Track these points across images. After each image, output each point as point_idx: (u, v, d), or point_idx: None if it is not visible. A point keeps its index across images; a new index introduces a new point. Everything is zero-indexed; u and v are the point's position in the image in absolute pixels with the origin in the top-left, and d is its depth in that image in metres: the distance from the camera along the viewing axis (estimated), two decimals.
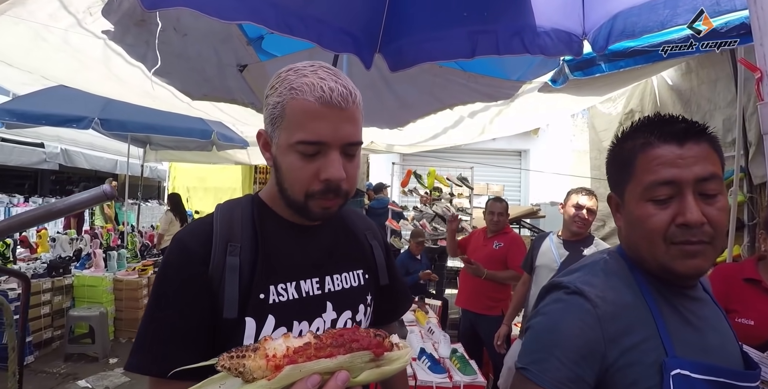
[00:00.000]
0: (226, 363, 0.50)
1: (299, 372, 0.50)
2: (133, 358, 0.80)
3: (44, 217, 0.77)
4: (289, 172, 0.82)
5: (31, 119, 5.07)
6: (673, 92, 3.86)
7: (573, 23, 2.07)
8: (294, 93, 0.79)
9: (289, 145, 0.80)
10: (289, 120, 0.80)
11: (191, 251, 0.83)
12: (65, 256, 5.20)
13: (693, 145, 0.81)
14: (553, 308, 0.85)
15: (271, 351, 0.51)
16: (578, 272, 0.89)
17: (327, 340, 0.53)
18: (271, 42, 2.83)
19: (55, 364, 4.12)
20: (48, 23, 2.48)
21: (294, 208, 0.86)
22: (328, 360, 0.52)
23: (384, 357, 0.55)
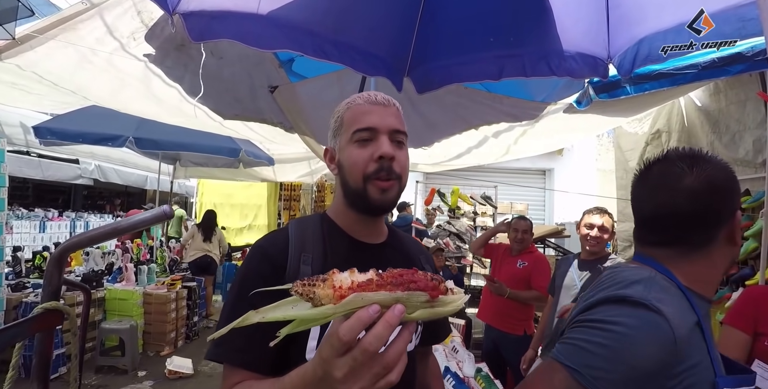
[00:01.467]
0: (299, 289, 0.57)
1: (361, 299, 0.55)
2: (216, 348, 0.88)
3: (111, 234, 0.84)
4: (349, 161, 0.96)
5: (69, 137, 5.31)
6: (701, 112, 3.81)
7: (598, 47, 2.11)
8: (348, 105, 1.00)
9: (348, 140, 0.97)
10: (346, 123, 0.98)
11: (271, 255, 0.93)
12: (98, 270, 5.36)
13: None
14: (631, 323, 0.80)
15: (338, 283, 0.57)
16: (639, 285, 0.85)
17: (388, 278, 0.58)
18: (301, 64, 2.94)
19: (87, 376, 4.21)
20: (95, 47, 2.63)
21: (358, 201, 0.97)
22: (387, 293, 0.56)
23: (438, 299, 0.59)
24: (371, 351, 0.56)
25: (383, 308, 0.56)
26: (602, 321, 0.82)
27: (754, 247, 3.12)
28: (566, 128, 3.91)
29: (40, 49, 2.63)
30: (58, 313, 0.77)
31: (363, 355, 0.56)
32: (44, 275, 0.79)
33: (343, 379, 0.57)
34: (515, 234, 3.68)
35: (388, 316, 0.55)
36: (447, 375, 2.73)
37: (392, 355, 0.57)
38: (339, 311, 0.56)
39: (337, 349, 0.57)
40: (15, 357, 0.75)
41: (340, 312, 0.56)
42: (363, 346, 0.55)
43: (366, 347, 0.55)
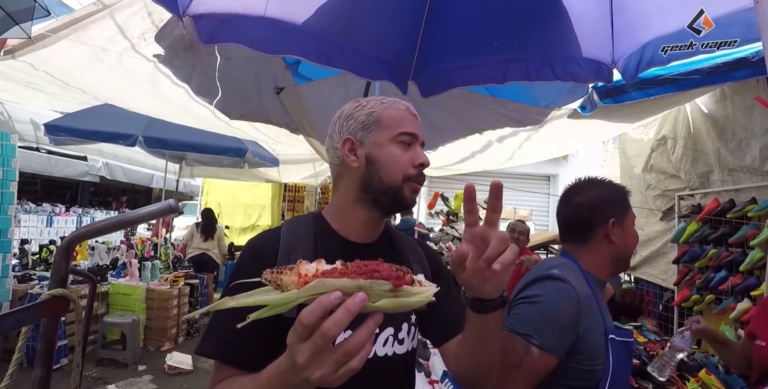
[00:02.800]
0: (269, 276, 0.60)
1: (323, 285, 0.58)
2: (203, 342, 0.90)
3: (117, 226, 0.86)
4: (390, 161, 1.00)
5: (81, 135, 5.38)
6: (707, 119, 3.79)
7: (603, 52, 2.12)
8: (386, 105, 1.03)
9: (390, 139, 1.00)
10: (386, 122, 1.01)
11: (261, 253, 0.96)
12: (102, 264, 5.41)
13: None
14: (549, 293, 1.22)
15: (304, 271, 0.60)
16: (555, 268, 1.27)
17: (352, 268, 0.61)
18: (307, 66, 2.97)
19: (87, 368, 4.25)
20: (106, 46, 2.67)
21: (385, 198, 1.01)
22: (349, 280, 0.59)
23: (403, 289, 0.60)
24: (329, 336, 0.57)
25: (346, 295, 0.57)
26: (534, 296, 1.23)
27: (760, 257, 3.10)
28: (571, 134, 3.91)
29: (52, 48, 2.67)
30: (64, 300, 0.79)
31: (322, 339, 0.57)
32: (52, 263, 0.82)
33: (305, 364, 0.59)
34: (511, 234, 3.74)
35: (348, 303, 0.57)
36: (445, 380, 2.74)
37: (353, 343, 0.58)
38: (302, 296, 0.58)
39: (299, 333, 0.58)
40: (21, 340, 0.77)
41: (303, 296, 0.58)
42: (322, 330, 0.57)
43: (325, 331, 0.57)
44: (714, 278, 3.45)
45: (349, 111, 1.05)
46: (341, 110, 1.07)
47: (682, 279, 3.86)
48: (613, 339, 1.21)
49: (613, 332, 1.23)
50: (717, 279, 3.41)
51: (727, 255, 3.40)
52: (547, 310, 1.19)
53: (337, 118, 1.06)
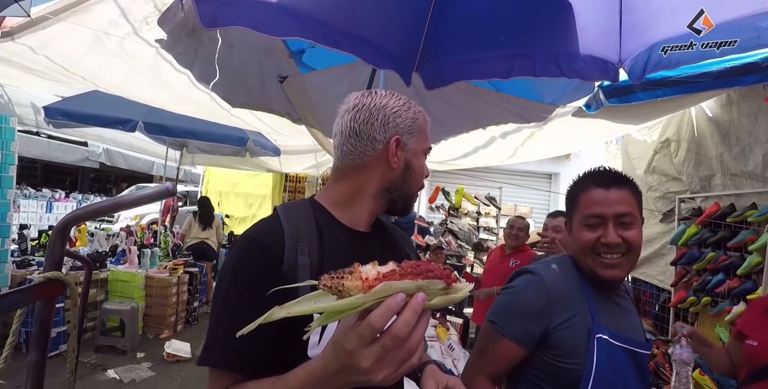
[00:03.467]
0: (328, 282, 0.59)
1: (389, 288, 0.58)
2: (206, 353, 0.84)
3: (114, 208, 0.85)
4: (420, 171, 1.06)
5: (80, 119, 5.35)
6: (711, 123, 3.78)
7: (609, 51, 2.10)
8: (422, 115, 1.06)
9: (423, 150, 1.06)
10: (423, 133, 1.05)
11: (267, 248, 0.88)
12: (102, 251, 5.41)
13: (616, 190, 1.22)
14: (521, 284, 1.27)
15: (365, 275, 0.60)
16: (541, 264, 1.31)
17: (408, 269, 0.61)
18: (312, 55, 2.95)
19: (86, 354, 4.27)
20: (108, 30, 2.65)
21: (401, 203, 1.06)
22: (411, 281, 0.60)
23: (452, 286, 0.63)
24: (401, 338, 0.58)
25: (407, 296, 0.59)
26: (509, 287, 1.30)
27: (758, 262, 3.11)
28: (574, 132, 3.90)
29: (53, 30, 2.64)
30: (59, 283, 0.78)
31: (392, 342, 0.58)
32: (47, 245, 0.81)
33: (371, 368, 0.60)
34: (510, 230, 3.80)
35: (413, 303, 0.58)
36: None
37: (414, 340, 0.60)
38: (369, 300, 0.58)
39: (367, 338, 0.59)
40: (16, 323, 0.77)
41: (370, 301, 0.58)
42: (393, 333, 0.58)
43: (396, 333, 0.58)
44: (711, 281, 3.46)
45: (395, 106, 1.01)
46: (381, 99, 1.01)
47: (679, 281, 3.87)
48: (600, 339, 1.16)
49: (606, 332, 1.18)
50: (714, 281, 3.42)
51: (725, 258, 3.40)
52: (513, 301, 1.26)
53: (379, 106, 1.00)
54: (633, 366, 1.21)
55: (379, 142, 0.99)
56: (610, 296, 1.27)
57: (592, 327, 1.17)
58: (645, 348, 1.25)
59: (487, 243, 6.52)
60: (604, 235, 1.19)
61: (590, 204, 1.23)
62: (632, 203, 1.23)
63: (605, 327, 1.18)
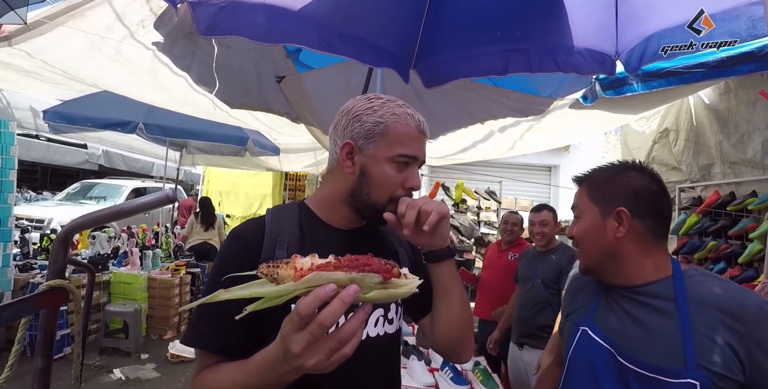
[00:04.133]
0: (264, 270, 0.63)
1: (319, 278, 0.61)
2: (187, 333, 0.91)
3: (115, 216, 0.86)
4: (381, 179, 0.98)
5: (78, 122, 5.35)
6: (710, 112, 3.78)
7: (606, 44, 2.10)
8: (396, 118, 0.98)
9: (388, 158, 0.98)
10: (390, 138, 0.98)
11: (246, 242, 0.95)
12: (104, 253, 5.43)
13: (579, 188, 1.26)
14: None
15: (299, 265, 0.62)
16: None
17: (345, 262, 0.64)
18: (308, 54, 2.94)
19: (91, 356, 4.30)
20: (104, 34, 2.65)
21: (367, 211, 1.01)
22: (343, 273, 0.62)
23: (391, 281, 0.64)
24: (326, 326, 0.61)
25: (339, 288, 0.61)
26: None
27: (759, 249, 3.11)
28: (573, 124, 3.89)
29: (50, 36, 2.64)
30: (62, 291, 0.79)
31: (319, 329, 0.61)
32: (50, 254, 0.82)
33: (301, 353, 0.63)
34: (505, 226, 3.82)
35: (342, 294, 0.60)
36: (445, 368, 2.76)
37: (346, 331, 0.63)
38: (299, 288, 0.61)
39: (296, 324, 0.62)
40: (20, 331, 0.78)
41: (300, 289, 0.61)
42: (319, 321, 0.61)
43: (322, 321, 0.60)
44: (712, 269, 3.47)
45: (358, 110, 1.00)
46: (352, 104, 1.02)
47: None
48: (582, 332, 1.18)
49: (592, 328, 1.15)
50: (715, 270, 3.42)
51: (726, 247, 3.41)
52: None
53: (345, 111, 1.02)
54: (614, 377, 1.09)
55: (338, 146, 1.01)
56: (616, 299, 1.17)
57: (579, 319, 1.22)
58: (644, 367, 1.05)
59: (488, 237, 6.54)
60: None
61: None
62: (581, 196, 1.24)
63: (597, 325, 1.16)
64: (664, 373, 1.02)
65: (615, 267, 1.16)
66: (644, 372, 1.05)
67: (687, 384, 0.99)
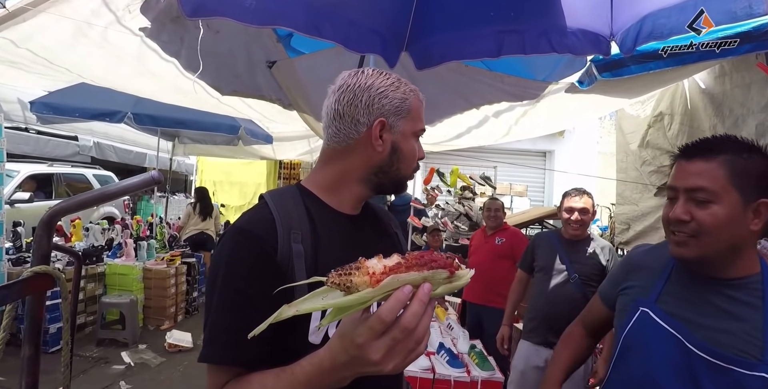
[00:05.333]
0: (336, 280, 0.60)
1: (397, 281, 0.60)
2: (207, 348, 0.82)
3: (100, 199, 0.84)
4: (410, 154, 1.01)
5: (66, 113, 5.27)
6: (704, 95, 3.77)
7: (601, 24, 2.07)
8: (415, 94, 1.00)
9: (413, 132, 1.01)
10: (414, 114, 1.00)
11: (260, 239, 0.86)
12: (98, 245, 5.39)
13: (699, 161, 1.07)
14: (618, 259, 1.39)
15: (372, 269, 0.60)
16: (647, 244, 1.36)
17: (412, 260, 0.62)
18: (300, 39, 2.89)
19: (88, 348, 4.30)
20: (90, 20, 2.58)
21: (392, 185, 1.03)
22: (417, 273, 0.61)
23: (455, 274, 0.64)
24: (410, 329, 0.60)
25: (414, 288, 0.60)
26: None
27: None
28: (568, 109, 3.87)
29: (33, 23, 2.57)
30: (48, 277, 0.77)
31: (402, 333, 0.60)
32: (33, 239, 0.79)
33: (381, 360, 0.61)
34: (489, 213, 3.90)
35: (420, 294, 0.60)
36: (441, 351, 2.77)
37: (422, 330, 0.62)
38: (378, 294, 0.59)
39: (377, 331, 0.60)
40: (6, 319, 0.76)
41: (379, 294, 0.60)
42: (403, 325, 0.59)
43: (406, 325, 0.59)
44: None
45: (381, 86, 0.96)
46: (366, 80, 0.96)
47: None
48: (643, 312, 1.13)
49: (653, 308, 1.12)
50: None
51: None
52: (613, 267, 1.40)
53: (364, 87, 0.95)
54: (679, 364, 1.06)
55: (363, 124, 0.95)
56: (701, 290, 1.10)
57: (639, 299, 1.16)
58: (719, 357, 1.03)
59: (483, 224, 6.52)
60: (672, 210, 1.08)
61: (671, 177, 1.14)
62: (714, 176, 1.03)
63: (662, 309, 1.11)
64: (741, 365, 1.01)
65: (730, 260, 1.07)
66: (719, 362, 1.03)
67: (761, 378, 0.99)
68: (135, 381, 3.72)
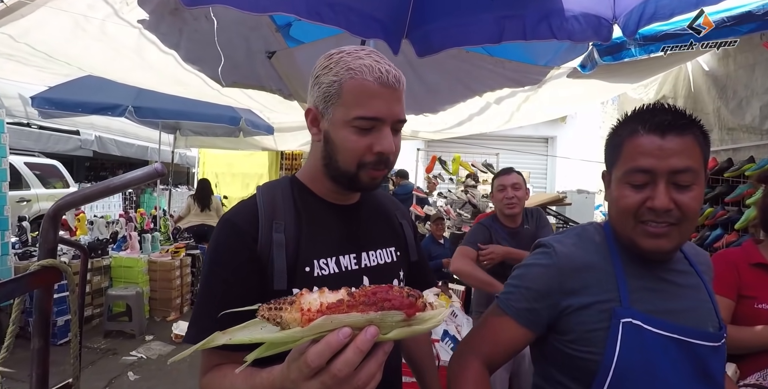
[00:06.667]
0: (266, 313, 0.55)
1: (330, 322, 0.53)
2: (190, 330, 0.86)
3: (105, 192, 0.84)
4: (344, 145, 0.88)
5: (67, 107, 5.26)
6: (708, 77, 3.74)
7: (603, 7, 2.04)
8: (352, 73, 0.85)
9: (346, 121, 0.87)
10: (346, 98, 0.86)
11: (241, 230, 0.88)
12: (102, 239, 5.42)
13: (674, 138, 0.89)
14: (529, 259, 1.04)
15: (306, 305, 0.54)
16: (561, 234, 1.08)
17: (360, 298, 0.54)
18: (299, 29, 2.87)
19: (96, 340, 4.35)
20: (87, 13, 2.56)
21: (343, 179, 0.92)
22: (359, 314, 0.53)
23: (416, 317, 0.56)
24: (340, 378, 0.54)
25: (355, 330, 0.53)
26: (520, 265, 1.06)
27: (756, 215, 3.11)
28: (570, 95, 3.85)
29: (31, 18, 2.56)
30: (55, 270, 0.78)
31: (332, 380, 0.54)
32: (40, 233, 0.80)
33: None
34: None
35: (358, 341, 0.53)
36: (446, 339, 2.80)
37: (363, 378, 0.55)
38: (307, 335, 0.54)
39: (305, 374, 0.56)
40: (15, 312, 0.77)
41: (308, 335, 0.54)
42: (332, 372, 0.54)
43: (335, 373, 0.54)
44: (709, 236, 3.48)
45: (317, 71, 0.91)
46: (315, 64, 0.93)
47: None
48: (628, 324, 0.90)
49: (639, 317, 0.91)
50: (712, 237, 3.44)
51: (723, 213, 3.42)
52: (521, 274, 1.03)
53: (312, 73, 0.93)
54: (687, 363, 0.91)
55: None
56: (656, 272, 0.98)
57: (616, 309, 0.91)
58: (707, 338, 0.92)
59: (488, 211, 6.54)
60: (652, 198, 0.89)
61: (636, 155, 0.91)
62: (695, 155, 0.90)
63: (642, 311, 0.91)
64: (705, 337, 0.93)
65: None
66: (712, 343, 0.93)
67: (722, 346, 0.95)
68: (143, 372, 3.77)
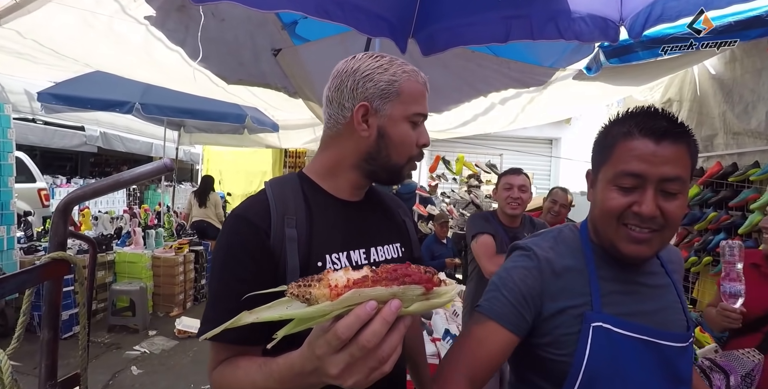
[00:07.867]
0: (295, 291, 0.57)
1: (358, 296, 0.56)
2: (204, 327, 0.85)
3: (114, 186, 0.86)
4: (401, 140, 0.97)
5: (75, 103, 5.29)
6: (714, 81, 3.72)
7: (610, 9, 2.04)
8: (407, 75, 0.96)
9: (405, 116, 0.96)
10: (405, 97, 0.95)
11: (254, 225, 0.89)
12: (107, 234, 5.45)
13: (669, 145, 0.88)
14: (508, 262, 1.02)
15: (334, 282, 0.57)
16: (535, 237, 1.07)
17: (382, 274, 0.58)
18: (305, 27, 2.88)
19: (100, 334, 4.38)
20: (95, 10, 2.58)
21: (385, 173, 1.00)
22: (383, 288, 0.56)
23: (433, 291, 0.59)
24: (369, 348, 0.56)
25: (380, 304, 0.56)
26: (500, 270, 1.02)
27: (759, 220, 3.10)
28: (575, 96, 3.84)
29: (39, 14, 2.57)
30: (65, 263, 0.79)
31: (360, 351, 0.57)
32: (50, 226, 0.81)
33: (339, 375, 0.58)
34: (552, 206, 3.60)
35: (384, 313, 0.56)
36: (447, 337, 2.81)
37: (387, 349, 0.58)
38: (337, 308, 0.56)
39: (334, 347, 0.57)
40: (25, 303, 0.78)
41: (337, 309, 0.56)
42: (361, 343, 0.56)
43: (364, 344, 0.56)
44: (712, 240, 3.48)
45: (367, 69, 0.95)
46: (355, 64, 0.96)
47: (680, 241, 3.89)
48: (597, 328, 0.90)
49: (609, 320, 0.91)
50: (715, 241, 3.44)
51: (726, 218, 3.42)
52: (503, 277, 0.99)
53: (350, 71, 0.96)
54: (656, 364, 0.93)
55: (348, 109, 0.96)
56: (629, 275, 0.99)
57: (587, 313, 0.92)
58: (676, 339, 0.94)
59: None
60: (639, 203, 0.88)
61: (629, 158, 0.89)
62: (685, 165, 0.90)
63: (612, 314, 0.92)
64: (673, 338, 0.94)
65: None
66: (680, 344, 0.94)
67: (690, 346, 0.97)
68: (146, 367, 3.79)
